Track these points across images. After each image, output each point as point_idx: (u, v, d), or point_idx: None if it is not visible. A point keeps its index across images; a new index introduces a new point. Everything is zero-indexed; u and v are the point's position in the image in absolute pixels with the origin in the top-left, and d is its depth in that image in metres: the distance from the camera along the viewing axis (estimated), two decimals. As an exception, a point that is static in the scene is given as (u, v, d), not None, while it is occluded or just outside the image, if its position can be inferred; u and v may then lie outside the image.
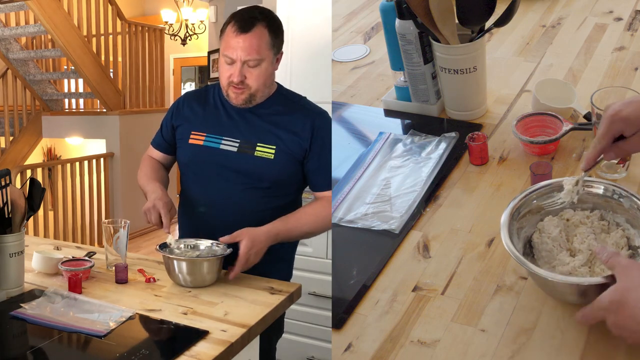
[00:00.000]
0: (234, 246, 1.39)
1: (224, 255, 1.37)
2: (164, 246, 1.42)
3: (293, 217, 1.50)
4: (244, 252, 1.37)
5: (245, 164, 1.52)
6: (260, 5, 1.69)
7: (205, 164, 1.55)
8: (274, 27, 1.47)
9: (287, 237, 1.48)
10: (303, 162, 1.53)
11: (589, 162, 0.99)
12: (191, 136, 1.58)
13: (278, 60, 1.53)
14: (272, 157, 1.50)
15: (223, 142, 1.54)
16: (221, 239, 1.39)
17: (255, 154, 1.51)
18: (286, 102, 1.56)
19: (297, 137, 1.51)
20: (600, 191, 1.08)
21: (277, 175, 1.52)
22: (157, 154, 1.72)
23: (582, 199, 1.09)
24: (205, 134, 1.56)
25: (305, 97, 1.60)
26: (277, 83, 1.60)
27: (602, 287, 0.89)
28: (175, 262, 1.35)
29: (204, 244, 1.44)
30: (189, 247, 1.44)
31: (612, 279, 0.88)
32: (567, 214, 1.11)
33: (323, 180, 1.53)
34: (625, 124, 0.91)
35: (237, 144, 1.53)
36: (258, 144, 1.52)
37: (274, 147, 1.51)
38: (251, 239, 1.38)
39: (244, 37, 1.42)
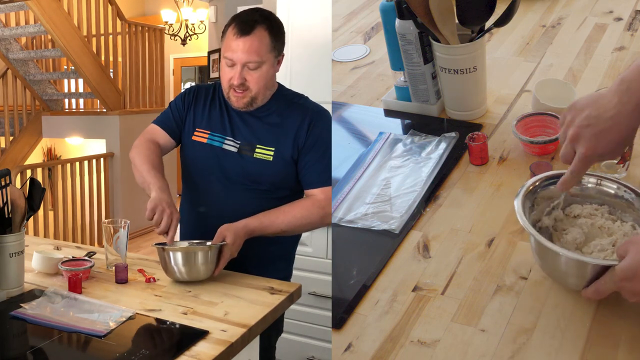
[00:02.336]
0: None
1: (218, 246, 1.38)
2: (160, 244, 1.42)
3: (272, 214, 1.49)
4: (229, 249, 1.39)
5: (244, 165, 1.52)
6: (261, 5, 1.69)
7: (207, 163, 1.56)
8: (275, 30, 1.47)
9: (261, 234, 1.47)
10: (297, 160, 1.53)
11: (566, 186, 1.00)
12: (195, 133, 1.58)
13: (279, 63, 1.53)
14: (271, 160, 1.51)
15: (226, 142, 1.54)
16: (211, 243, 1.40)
17: (254, 155, 1.51)
18: (286, 102, 1.56)
19: (295, 136, 1.51)
20: (612, 190, 1.09)
21: (276, 177, 1.52)
22: (161, 134, 1.62)
23: (591, 195, 1.10)
24: (209, 132, 1.56)
25: (305, 96, 1.60)
26: (278, 83, 1.60)
27: (604, 270, 0.91)
28: (170, 253, 1.35)
29: (198, 241, 1.47)
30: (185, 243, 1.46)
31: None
32: (576, 210, 1.11)
33: (310, 177, 1.52)
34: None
35: (237, 145, 1.53)
36: (257, 146, 1.52)
37: (273, 149, 1.51)
38: (234, 236, 1.40)
39: (244, 40, 1.42)
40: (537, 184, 1.11)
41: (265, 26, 1.44)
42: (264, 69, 1.46)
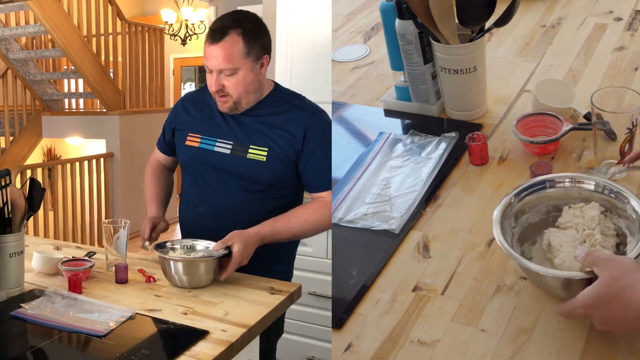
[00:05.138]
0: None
1: (220, 257, 1.37)
2: (160, 246, 1.42)
3: (283, 219, 1.48)
4: (237, 256, 1.37)
5: (238, 166, 1.51)
6: (260, 5, 1.68)
7: (201, 166, 1.56)
8: (250, 34, 1.44)
9: (274, 239, 1.46)
10: (297, 163, 1.53)
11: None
12: (188, 138, 1.59)
13: (263, 65, 1.49)
14: (264, 160, 1.50)
15: (217, 144, 1.54)
16: (214, 246, 1.39)
17: (247, 156, 1.51)
18: (281, 102, 1.55)
19: (291, 138, 1.50)
20: (592, 187, 1.08)
21: (270, 178, 1.51)
22: (160, 156, 1.78)
23: (583, 197, 1.10)
24: (200, 136, 1.57)
25: (302, 96, 1.59)
26: (275, 82, 1.60)
27: (587, 282, 0.90)
28: (171, 263, 1.35)
29: (201, 244, 1.44)
30: (186, 247, 1.44)
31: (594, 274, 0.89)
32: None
33: (316, 180, 1.52)
34: None
35: (230, 146, 1.53)
36: (250, 147, 1.51)
37: (266, 149, 1.50)
38: (243, 243, 1.38)
39: (215, 47, 1.42)
40: (512, 200, 1.11)
41: (238, 31, 1.42)
42: (240, 75, 1.44)
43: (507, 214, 1.09)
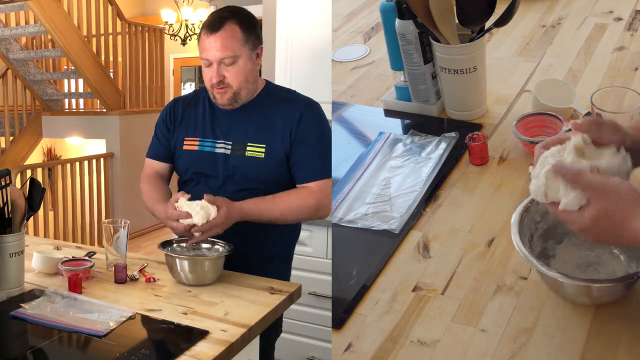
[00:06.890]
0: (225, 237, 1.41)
1: (225, 255, 1.38)
2: (165, 244, 1.42)
3: (268, 200, 1.48)
4: (219, 219, 1.37)
5: (237, 165, 1.52)
6: (260, 5, 1.69)
7: (200, 169, 1.56)
8: (245, 23, 1.47)
9: (256, 218, 1.46)
10: (289, 155, 1.52)
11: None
12: (185, 142, 1.58)
13: (258, 56, 1.52)
14: (263, 157, 1.50)
15: (217, 145, 1.54)
16: (205, 196, 1.38)
17: (246, 154, 1.51)
18: (275, 97, 1.56)
19: (286, 130, 1.50)
20: None
21: (269, 174, 1.52)
22: (157, 165, 1.66)
23: None
24: (198, 139, 1.56)
25: (294, 91, 1.60)
26: (266, 80, 1.61)
27: (612, 288, 0.89)
28: (177, 260, 1.36)
29: (205, 242, 1.45)
30: (191, 245, 1.45)
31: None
32: None
33: (303, 170, 1.51)
34: None
35: (229, 146, 1.53)
36: (248, 144, 1.51)
37: (264, 146, 1.50)
38: (227, 207, 1.39)
39: (214, 37, 1.44)
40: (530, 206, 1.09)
41: (234, 21, 1.45)
42: (240, 63, 1.46)
43: (528, 214, 1.08)
